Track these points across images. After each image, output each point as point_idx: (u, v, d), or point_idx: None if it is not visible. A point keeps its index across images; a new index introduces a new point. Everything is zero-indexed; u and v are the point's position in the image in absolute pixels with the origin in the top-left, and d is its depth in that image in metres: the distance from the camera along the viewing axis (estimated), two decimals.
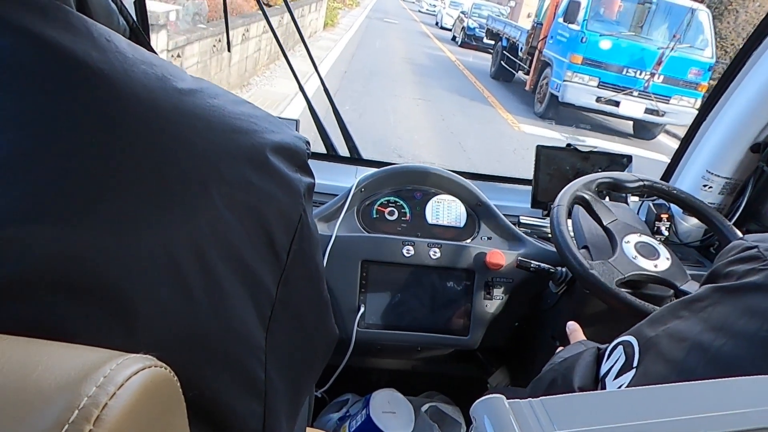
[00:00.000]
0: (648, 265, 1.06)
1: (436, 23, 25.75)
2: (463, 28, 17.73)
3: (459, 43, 17.74)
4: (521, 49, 10.43)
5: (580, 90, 8.13)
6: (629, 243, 1.09)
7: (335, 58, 10.38)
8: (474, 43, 16.79)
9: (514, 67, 11.05)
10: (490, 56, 13.41)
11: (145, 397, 0.24)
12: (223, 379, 0.38)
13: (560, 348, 0.91)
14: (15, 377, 0.22)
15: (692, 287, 1.00)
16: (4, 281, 0.29)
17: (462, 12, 19.58)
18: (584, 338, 0.95)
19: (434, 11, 28.42)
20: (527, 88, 9.82)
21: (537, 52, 9.37)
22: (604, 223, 1.14)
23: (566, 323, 0.99)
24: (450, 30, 21.64)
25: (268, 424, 0.43)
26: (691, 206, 1.24)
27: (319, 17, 13.41)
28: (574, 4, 8.17)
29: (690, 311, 0.56)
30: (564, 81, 8.17)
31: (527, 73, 10.11)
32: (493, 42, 13.45)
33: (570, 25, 8.23)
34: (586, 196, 1.15)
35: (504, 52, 11.40)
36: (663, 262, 1.07)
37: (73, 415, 0.21)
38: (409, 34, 19.12)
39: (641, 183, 1.23)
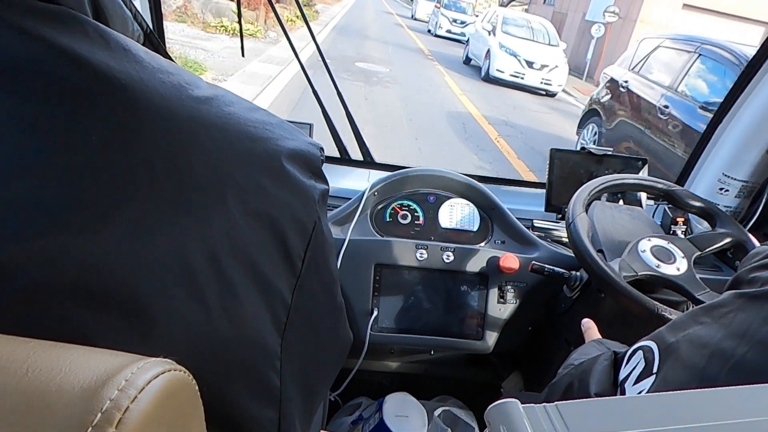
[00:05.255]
0: (664, 269, 1.05)
1: (467, 59, 12.25)
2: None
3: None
4: None
5: None
6: (645, 247, 1.08)
7: None
8: None
9: None
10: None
11: (166, 401, 0.24)
12: (239, 385, 0.39)
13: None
14: (39, 381, 0.23)
15: (709, 297, 0.98)
16: (29, 290, 0.29)
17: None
18: (599, 336, 0.94)
19: (435, 21, 14.84)
20: None
21: None
22: (619, 226, 1.13)
23: (580, 327, 0.97)
24: (481, 67, 10.40)
25: (283, 431, 0.43)
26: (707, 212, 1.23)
27: None
28: None
29: (711, 317, 0.55)
30: None
31: None
32: None
33: None
34: (601, 199, 1.14)
35: None
36: (680, 266, 1.06)
37: (96, 418, 0.21)
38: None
39: (657, 187, 1.22)
